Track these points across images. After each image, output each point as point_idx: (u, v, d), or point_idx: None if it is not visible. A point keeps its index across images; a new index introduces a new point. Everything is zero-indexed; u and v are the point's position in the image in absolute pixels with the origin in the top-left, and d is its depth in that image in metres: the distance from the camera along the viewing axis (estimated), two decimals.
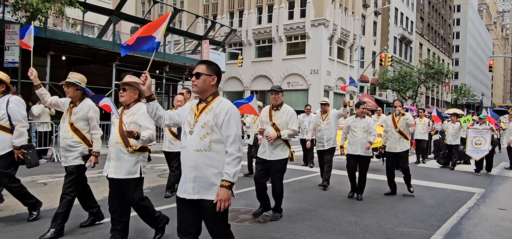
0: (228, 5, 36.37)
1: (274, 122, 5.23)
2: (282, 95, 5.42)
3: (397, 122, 7.15)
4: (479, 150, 10.10)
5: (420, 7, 51.22)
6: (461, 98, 56.71)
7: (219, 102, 2.80)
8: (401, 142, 7.13)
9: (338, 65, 33.13)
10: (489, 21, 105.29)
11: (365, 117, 6.78)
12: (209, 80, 2.82)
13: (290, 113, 5.25)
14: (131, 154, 3.75)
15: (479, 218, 5.74)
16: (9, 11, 11.97)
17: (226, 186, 2.61)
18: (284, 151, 5.21)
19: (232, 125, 2.71)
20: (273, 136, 5.10)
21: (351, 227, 5.00)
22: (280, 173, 5.22)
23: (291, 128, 5.21)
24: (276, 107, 5.35)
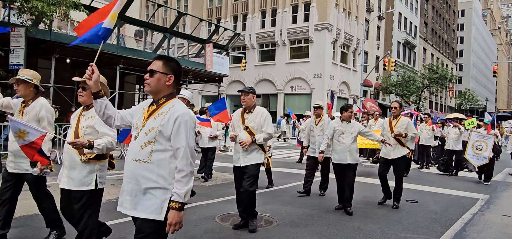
0: (231, 9, 36.48)
1: (247, 126, 4.82)
2: (254, 96, 4.97)
3: (394, 126, 6.54)
4: (479, 156, 9.55)
5: (424, 12, 51.16)
6: (465, 104, 56.48)
7: (170, 107, 2.39)
8: (396, 148, 6.50)
9: (342, 70, 33.12)
10: (493, 26, 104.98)
11: (351, 122, 6.15)
12: (165, 80, 2.43)
13: (264, 115, 4.87)
14: (85, 162, 3.33)
15: (483, 225, 5.69)
16: (14, 14, 12.05)
17: (176, 208, 2.27)
18: (259, 155, 4.84)
19: (182, 135, 2.31)
20: (247, 142, 4.69)
21: (353, 232, 4.98)
22: (253, 178, 4.75)
23: (266, 131, 4.82)
24: (249, 110, 4.93)
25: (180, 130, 2.31)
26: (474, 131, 10.00)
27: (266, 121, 4.85)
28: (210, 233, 4.67)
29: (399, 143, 6.46)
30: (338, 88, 32.48)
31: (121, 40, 17.47)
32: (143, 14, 40.43)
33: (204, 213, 5.63)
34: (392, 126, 6.53)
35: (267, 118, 4.88)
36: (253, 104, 4.96)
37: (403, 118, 6.52)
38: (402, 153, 6.46)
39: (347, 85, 34.12)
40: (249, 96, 4.89)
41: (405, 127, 6.43)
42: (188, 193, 2.31)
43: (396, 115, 6.59)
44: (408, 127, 6.43)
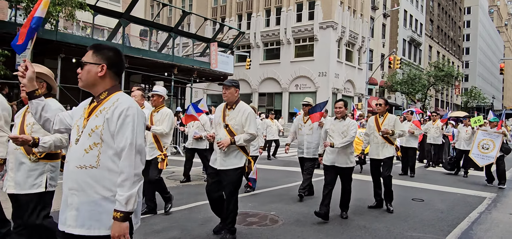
0: (236, 8, 36.47)
1: (227, 123, 4.28)
2: (237, 91, 4.36)
3: (381, 124, 6.21)
4: (485, 155, 8.88)
5: (430, 9, 50.80)
6: (471, 101, 56.04)
7: (114, 101, 2.06)
8: (384, 147, 6.16)
9: (347, 68, 33.00)
10: (500, 23, 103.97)
11: (345, 119, 5.58)
12: (96, 71, 2.09)
13: (247, 113, 4.27)
14: (34, 162, 3.00)
15: (491, 223, 5.65)
16: (20, 15, 12.15)
17: (117, 218, 1.92)
18: (239, 158, 4.28)
19: (127, 131, 1.98)
20: (225, 143, 4.14)
21: (359, 231, 4.97)
22: (233, 186, 4.24)
23: (248, 131, 4.23)
24: (230, 106, 4.37)
25: (125, 126, 1.99)
26: (481, 129, 9.41)
27: (249, 120, 4.26)
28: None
29: (387, 141, 6.16)
30: (343, 86, 32.38)
31: (126, 40, 17.54)
32: (148, 13, 40.56)
33: (210, 212, 5.62)
34: (379, 123, 6.24)
35: (249, 116, 4.28)
36: (236, 99, 4.38)
37: (390, 116, 6.28)
38: (391, 153, 6.18)
39: (352, 84, 34.00)
40: (230, 90, 4.31)
41: (392, 124, 6.16)
42: (131, 200, 1.94)
43: (382, 113, 6.30)
44: (396, 124, 6.18)
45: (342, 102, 5.62)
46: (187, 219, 5.17)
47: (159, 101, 5.33)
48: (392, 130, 6.10)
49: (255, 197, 6.80)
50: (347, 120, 5.60)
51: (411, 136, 10.23)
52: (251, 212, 5.70)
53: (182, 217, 5.32)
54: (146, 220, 5.07)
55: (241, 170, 4.30)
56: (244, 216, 5.45)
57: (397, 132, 6.14)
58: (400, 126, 6.24)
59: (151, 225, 4.84)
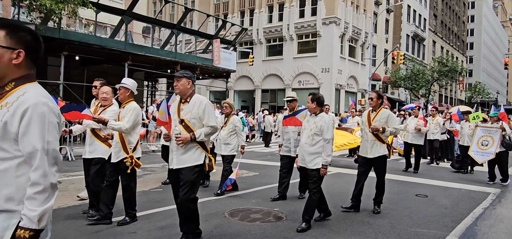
0: (239, 4, 36.39)
1: (183, 118, 3.88)
2: (190, 82, 3.95)
3: (372, 120, 5.67)
4: (484, 151, 8.59)
5: (433, 4, 50.47)
6: (476, 97, 55.75)
7: (20, 95, 1.65)
8: (374, 145, 5.60)
9: (350, 64, 32.90)
10: (504, 18, 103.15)
11: (317, 115, 4.94)
12: (9, 58, 1.66)
13: (203, 105, 3.88)
14: None
15: (495, 219, 5.63)
16: (23, 12, 12.18)
17: (26, 238, 1.56)
18: (197, 155, 3.88)
19: (35, 133, 1.60)
20: (184, 139, 3.78)
21: (363, 227, 4.96)
22: (190, 185, 3.83)
23: (208, 124, 3.86)
24: (184, 99, 3.96)
25: (31, 126, 1.60)
26: (480, 126, 9.05)
27: (206, 112, 3.88)
28: (219, 228, 4.69)
29: (378, 139, 5.58)
30: (346, 82, 32.29)
31: (129, 37, 17.55)
32: (151, 10, 40.55)
33: (213, 208, 5.65)
34: (371, 119, 5.71)
35: (207, 108, 3.88)
36: (190, 92, 3.98)
37: (384, 111, 5.71)
38: (381, 152, 5.58)
39: (356, 80, 33.91)
40: (181, 81, 3.90)
41: (385, 121, 5.60)
42: (45, 216, 1.60)
43: (375, 107, 5.74)
44: (389, 120, 5.60)
45: (310, 96, 5.02)
46: None
47: (126, 95, 4.73)
48: (383, 126, 5.55)
49: (259, 194, 6.81)
50: (323, 115, 4.95)
51: (418, 133, 10.11)
52: (254, 209, 5.71)
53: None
54: (150, 216, 5.09)
55: (200, 168, 3.89)
56: (247, 213, 5.46)
57: (389, 129, 5.57)
58: (393, 123, 5.67)
59: (155, 222, 4.86)
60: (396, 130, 5.68)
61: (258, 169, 9.72)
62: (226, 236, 4.43)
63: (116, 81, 9.00)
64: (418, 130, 10.05)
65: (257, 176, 8.66)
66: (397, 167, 10.85)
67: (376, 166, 5.71)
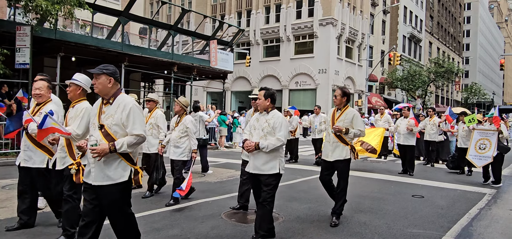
0: (236, 5, 36.41)
1: (103, 123, 3.13)
2: (111, 80, 3.18)
3: (336, 120, 5.21)
4: (482, 155, 8.50)
5: (430, 5, 50.70)
6: (472, 98, 56.03)
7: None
8: (337, 147, 5.13)
9: (347, 65, 32.98)
10: (500, 19, 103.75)
11: (269, 113, 4.31)
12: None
13: (128, 108, 3.10)
14: None
15: (491, 219, 5.66)
16: (19, 13, 12.12)
17: None
18: (121, 169, 3.14)
19: None
20: (101, 150, 3.03)
21: (360, 227, 4.97)
22: (117, 207, 3.16)
23: (132, 133, 3.10)
24: (106, 100, 3.22)
25: None
26: (477, 129, 8.89)
27: (132, 117, 3.11)
28: (216, 230, 4.69)
29: (341, 140, 5.13)
30: (343, 83, 32.35)
31: (125, 38, 17.50)
32: (148, 11, 40.50)
33: (210, 209, 5.65)
34: (335, 118, 5.24)
35: (132, 112, 3.12)
36: (114, 92, 3.22)
37: (349, 110, 5.23)
38: (343, 155, 5.10)
39: (353, 81, 33.99)
40: (100, 79, 3.18)
41: (350, 121, 5.15)
42: None
43: (340, 106, 5.25)
44: (354, 120, 5.15)
45: (261, 92, 4.36)
46: (187, 217, 5.18)
47: (77, 93, 4.04)
48: (346, 127, 5.10)
49: None
50: (275, 113, 4.30)
51: (409, 133, 9.90)
52: (251, 210, 5.70)
53: (182, 215, 5.33)
54: (146, 218, 5.09)
55: (125, 186, 3.17)
56: (244, 214, 5.46)
57: (353, 131, 5.13)
58: (359, 123, 5.17)
59: (151, 223, 4.85)
60: (360, 132, 5.18)
61: None
62: (222, 238, 4.43)
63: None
64: (410, 130, 9.84)
65: None
66: (394, 168, 10.88)
67: (337, 169, 5.18)
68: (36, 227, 4.46)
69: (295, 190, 7.39)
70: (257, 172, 4.24)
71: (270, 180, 4.20)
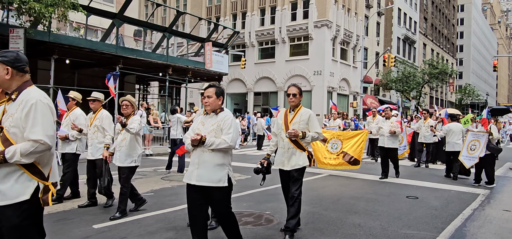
0: (231, 7, 36.43)
1: (2, 126, 2.47)
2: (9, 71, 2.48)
3: (290, 122, 4.56)
4: (471, 156, 8.62)
5: (424, 7, 51.06)
6: (466, 98, 56.45)
7: None
8: (292, 155, 4.50)
9: (342, 66, 33.09)
10: (493, 21, 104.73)
11: (219, 115, 3.64)
12: None
13: (28, 106, 2.42)
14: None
15: (484, 220, 5.69)
16: (13, 16, 12.05)
17: None
18: (19, 184, 2.40)
19: None
20: None
21: (354, 229, 4.98)
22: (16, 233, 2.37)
23: (29, 137, 2.39)
24: (9, 96, 2.55)
25: None
26: (470, 131, 8.93)
27: (31, 118, 2.42)
28: (211, 233, 4.67)
29: (297, 146, 4.48)
30: (338, 85, 32.46)
31: (120, 40, 17.44)
32: (142, 13, 40.40)
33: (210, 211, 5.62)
34: (288, 121, 4.60)
35: (32, 112, 2.42)
36: (17, 85, 2.53)
37: (303, 111, 4.62)
38: (300, 163, 4.48)
39: (347, 82, 34.10)
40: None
41: (306, 123, 4.54)
42: None
43: (294, 106, 4.65)
44: (310, 122, 4.55)
45: (211, 89, 3.65)
46: (183, 220, 5.16)
47: None
48: (303, 131, 4.47)
49: (250, 197, 6.81)
50: (222, 115, 3.65)
51: (393, 136, 8.99)
52: (245, 212, 5.70)
53: (176, 218, 5.31)
54: (141, 221, 5.06)
55: (27, 207, 2.39)
56: (239, 216, 5.45)
57: (311, 134, 4.52)
58: (316, 125, 4.58)
59: (146, 227, 4.83)
60: (318, 135, 4.56)
61: (250, 172, 9.70)
62: None
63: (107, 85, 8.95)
64: (393, 133, 8.94)
65: (249, 179, 8.66)
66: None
67: (292, 178, 4.52)
68: None
69: None
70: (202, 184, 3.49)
71: (219, 195, 3.55)
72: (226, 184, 3.55)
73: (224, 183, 3.53)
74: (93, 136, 5.83)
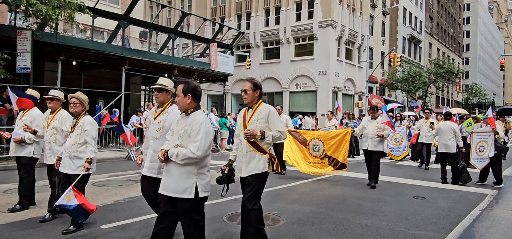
0: (235, 8, 36.47)
1: None
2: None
3: (248, 121, 3.96)
4: (481, 158, 8.54)
5: (429, 6, 50.75)
6: (472, 98, 56.05)
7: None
8: (252, 159, 3.88)
9: (347, 66, 32.99)
10: (499, 19, 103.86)
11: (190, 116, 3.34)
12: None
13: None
14: None
15: (492, 220, 5.65)
16: (20, 18, 12.17)
17: None
18: None
19: None
20: None
21: (361, 230, 4.96)
22: None
23: None
24: None
25: None
26: (475, 132, 8.80)
27: None
28: (217, 232, 4.69)
29: (256, 148, 3.86)
30: (343, 85, 32.36)
31: (126, 42, 17.54)
32: (148, 15, 40.57)
33: (211, 212, 5.63)
34: (246, 120, 3.99)
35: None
36: None
37: (263, 107, 4.00)
38: (261, 168, 3.86)
39: (353, 82, 33.99)
40: None
41: (265, 121, 3.93)
42: None
43: (251, 103, 4.04)
44: (270, 119, 3.93)
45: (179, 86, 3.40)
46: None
47: None
48: (262, 130, 3.85)
49: None
50: (192, 117, 3.33)
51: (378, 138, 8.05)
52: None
53: None
54: (140, 222, 5.08)
55: None
56: None
57: (271, 133, 3.89)
58: (277, 123, 3.94)
59: (147, 229, 4.84)
60: (280, 133, 3.92)
61: None
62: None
63: (113, 86, 8.99)
64: (381, 136, 8.01)
65: None
66: (394, 169, 10.86)
67: (250, 185, 3.89)
68: None
69: (296, 192, 7.38)
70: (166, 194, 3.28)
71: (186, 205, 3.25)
72: (192, 196, 3.20)
73: (189, 194, 3.20)
74: (51, 139, 5.17)
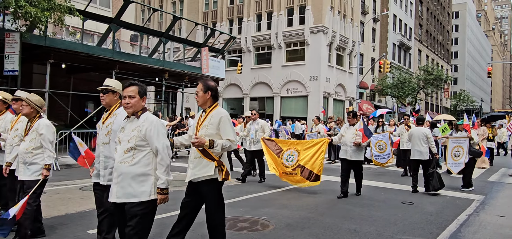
0: (227, 13, 36.53)
1: None
2: None
3: (200, 125, 3.73)
4: (457, 162, 8.86)
5: (419, 13, 51.47)
6: (460, 104, 56.84)
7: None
8: (199, 165, 3.64)
9: (337, 72, 33.23)
10: (487, 27, 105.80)
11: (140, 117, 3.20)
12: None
13: None
14: None
15: (479, 225, 5.73)
16: (9, 20, 12.02)
17: None
18: None
19: None
20: None
21: (350, 235, 4.99)
22: None
23: None
24: None
25: None
26: (450, 138, 9.08)
27: None
28: (206, 238, 4.66)
29: (204, 155, 3.59)
30: (334, 90, 32.58)
31: (116, 45, 17.42)
32: (139, 18, 40.39)
33: (200, 217, 5.59)
34: (198, 125, 3.77)
35: None
36: None
37: (215, 112, 3.72)
38: (208, 173, 3.60)
39: (343, 88, 34.24)
40: None
41: (216, 127, 3.66)
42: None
43: (205, 106, 3.80)
44: (221, 126, 3.65)
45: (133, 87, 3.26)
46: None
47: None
48: (211, 139, 3.58)
49: (246, 202, 6.80)
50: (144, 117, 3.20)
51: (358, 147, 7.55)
52: (241, 217, 5.69)
53: (173, 222, 5.28)
54: None
55: None
56: (234, 221, 5.44)
57: (221, 142, 3.60)
58: (227, 131, 3.65)
59: None
60: (230, 142, 3.64)
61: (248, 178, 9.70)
62: None
63: None
64: (358, 144, 7.48)
65: (244, 185, 8.65)
66: (383, 174, 10.93)
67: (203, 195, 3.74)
68: None
69: (285, 197, 7.40)
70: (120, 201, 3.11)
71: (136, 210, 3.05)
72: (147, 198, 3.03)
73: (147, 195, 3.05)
74: (13, 142, 4.69)
